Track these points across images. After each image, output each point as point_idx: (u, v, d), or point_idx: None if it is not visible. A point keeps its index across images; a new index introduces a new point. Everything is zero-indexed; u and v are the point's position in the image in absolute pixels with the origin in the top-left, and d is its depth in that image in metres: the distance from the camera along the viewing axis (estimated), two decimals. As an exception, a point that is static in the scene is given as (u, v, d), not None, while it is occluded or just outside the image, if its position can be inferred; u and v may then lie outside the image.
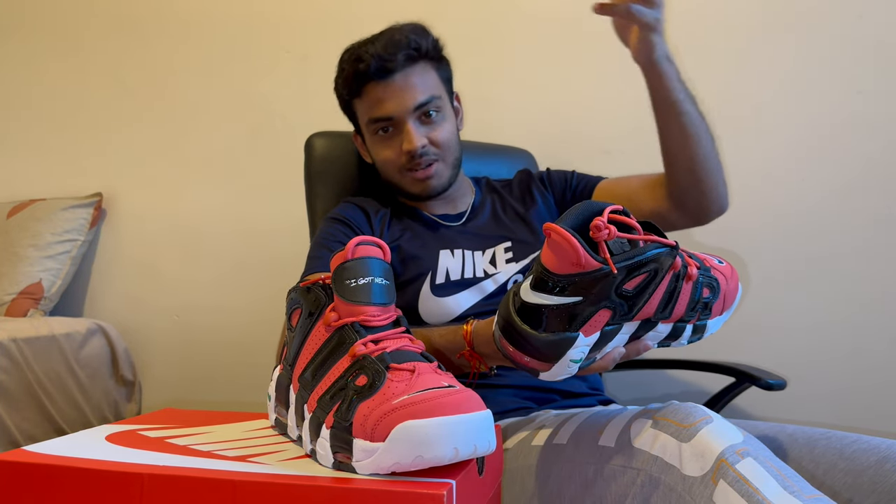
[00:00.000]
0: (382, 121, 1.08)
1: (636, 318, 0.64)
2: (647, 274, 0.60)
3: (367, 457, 0.52)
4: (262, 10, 1.87)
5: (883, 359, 1.47)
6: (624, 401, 1.25)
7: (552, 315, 0.59)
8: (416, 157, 1.08)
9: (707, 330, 0.73)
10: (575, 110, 1.65)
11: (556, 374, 0.62)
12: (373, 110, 1.09)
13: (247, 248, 1.86)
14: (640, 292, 0.61)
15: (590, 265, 0.57)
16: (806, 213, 1.52)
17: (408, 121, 1.06)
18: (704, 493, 0.59)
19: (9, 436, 1.46)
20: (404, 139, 1.07)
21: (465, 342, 0.80)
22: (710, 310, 0.71)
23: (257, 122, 1.87)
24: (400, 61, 1.06)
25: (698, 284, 0.68)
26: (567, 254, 0.57)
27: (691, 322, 0.70)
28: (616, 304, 0.60)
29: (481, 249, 1.08)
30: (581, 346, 0.60)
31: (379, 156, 1.13)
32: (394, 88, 1.06)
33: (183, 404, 1.86)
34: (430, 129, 1.08)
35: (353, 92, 1.11)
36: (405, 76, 1.06)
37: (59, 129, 2.03)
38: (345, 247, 0.63)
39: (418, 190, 1.12)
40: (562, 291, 0.58)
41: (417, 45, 1.07)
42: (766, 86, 1.55)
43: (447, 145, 1.10)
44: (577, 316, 0.59)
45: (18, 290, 1.78)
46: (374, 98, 1.08)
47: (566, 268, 0.57)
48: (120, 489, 0.55)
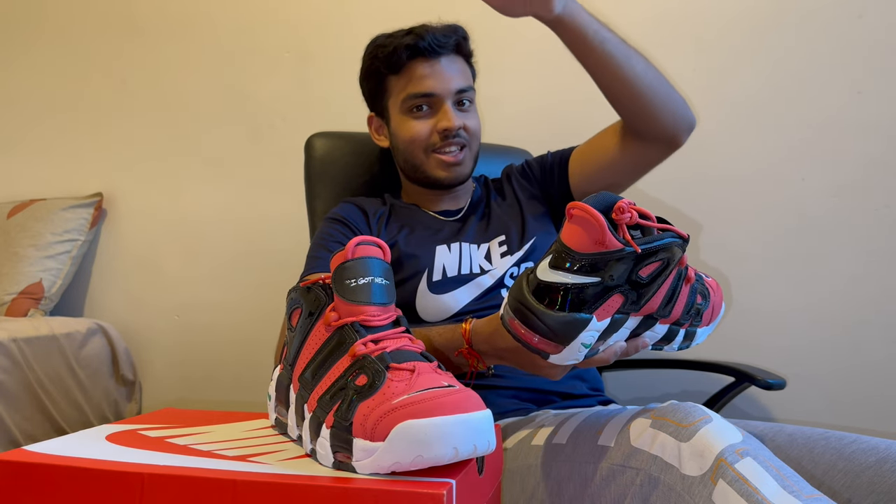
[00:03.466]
0: (422, 97, 1.09)
1: (641, 311, 0.64)
2: (660, 262, 0.62)
3: (367, 456, 0.52)
4: (262, 10, 1.87)
5: (882, 359, 1.47)
6: (624, 401, 1.25)
7: (568, 294, 0.59)
8: (450, 137, 1.09)
9: (696, 338, 0.74)
10: (575, 110, 1.65)
11: (565, 358, 0.62)
12: (414, 86, 1.10)
13: (247, 248, 1.86)
14: (652, 281, 0.62)
15: (612, 245, 0.58)
16: (806, 213, 1.52)
17: (447, 101, 1.09)
18: (704, 492, 0.59)
19: (9, 436, 1.46)
20: (441, 118, 1.09)
21: (463, 340, 0.80)
22: (700, 317, 0.73)
23: (257, 122, 1.87)
24: (450, 46, 1.10)
25: (694, 289, 0.70)
26: (593, 230, 0.58)
27: (684, 327, 0.71)
28: (628, 291, 0.61)
29: (477, 243, 1.09)
30: (592, 329, 0.61)
31: (408, 133, 1.12)
32: (440, 69, 1.09)
33: (183, 404, 1.86)
34: (464, 115, 1.11)
35: (395, 66, 1.11)
36: (451, 61, 1.11)
37: (59, 129, 2.03)
38: (344, 247, 0.63)
39: (442, 175, 1.12)
40: (581, 270, 0.59)
41: (466, 38, 1.13)
42: (766, 86, 1.55)
43: (476, 135, 1.14)
44: (593, 297, 0.60)
45: (19, 290, 1.78)
46: (419, 74, 1.09)
47: (589, 246, 0.59)
48: (120, 489, 0.55)
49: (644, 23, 1.60)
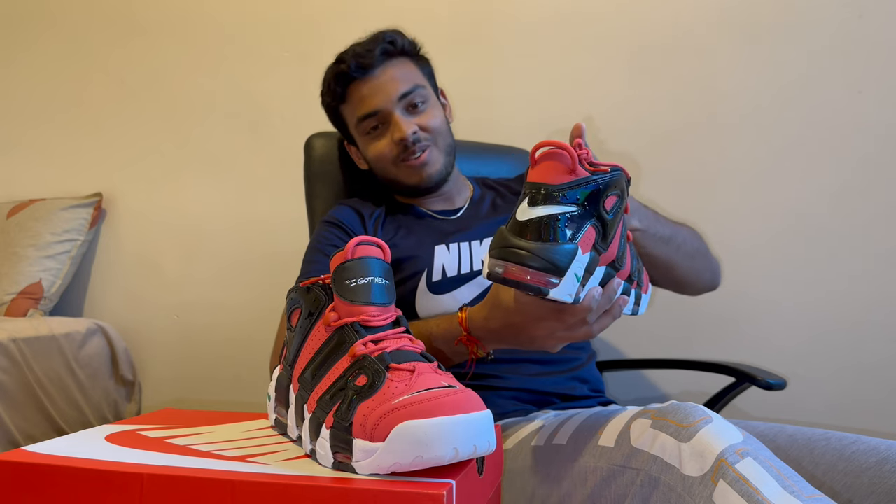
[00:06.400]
0: (370, 117, 1.10)
1: (606, 253, 0.68)
2: (617, 197, 0.66)
3: (367, 457, 0.52)
4: (262, 10, 1.87)
5: (883, 359, 1.47)
6: (624, 401, 1.25)
7: (551, 225, 0.62)
8: (408, 145, 1.08)
9: (641, 304, 0.80)
10: (575, 110, 1.65)
11: (563, 291, 0.63)
12: (359, 108, 1.10)
13: (246, 248, 1.86)
14: (614, 216, 0.66)
15: (582, 173, 0.63)
16: (806, 213, 1.52)
17: (395, 111, 1.08)
18: (704, 493, 0.59)
19: (8, 436, 1.46)
20: (394, 129, 1.08)
21: (461, 328, 0.81)
22: (641, 280, 0.79)
23: (257, 122, 1.87)
24: (377, 56, 1.09)
25: (633, 250, 0.77)
26: (564, 160, 0.63)
27: (633, 286, 0.77)
28: (598, 225, 0.65)
29: (479, 239, 1.08)
30: (579, 261, 0.63)
31: (372, 153, 1.13)
32: (375, 83, 1.09)
33: (183, 404, 1.86)
34: (418, 116, 1.10)
35: (339, 97, 1.13)
36: (384, 70, 1.09)
37: (59, 129, 2.03)
38: (339, 250, 0.63)
39: (415, 180, 1.11)
40: (561, 200, 0.62)
41: (392, 40, 1.11)
42: (766, 86, 1.55)
43: (438, 130, 1.12)
44: (575, 226, 0.63)
45: (18, 290, 1.78)
46: (359, 97, 1.10)
47: (563, 177, 0.63)
48: (120, 489, 0.55)
49: (645, 24, 1.60)
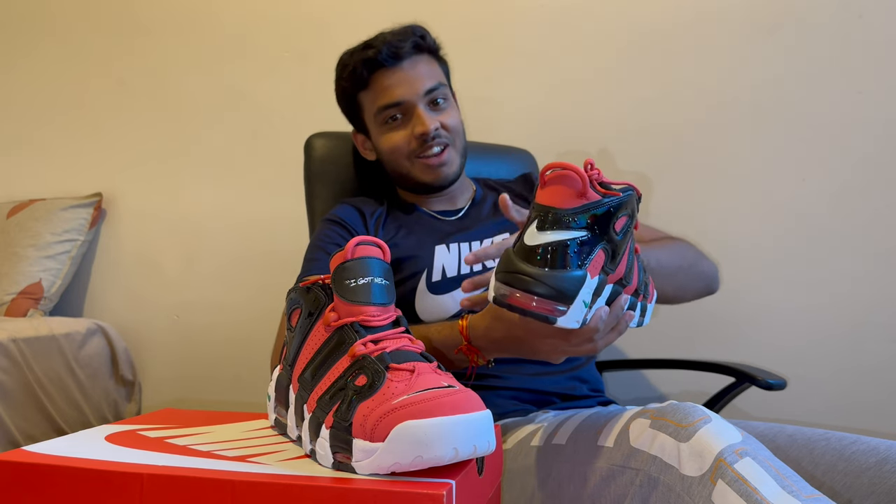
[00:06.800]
0: (392, 107, 1.09)
1: (614, 273, 0.67)
2: (627, 217, 0.64)
3: (367, 457, 0.52)
4: (262, 10, 1.87)
5: (883, 359, 1.47)
6: (624, 401, 1.25)
7: (560, 251, 0.60)
8: (428, 140, 1.08)
9: (647, 314, 0.78)
10: (575, 110, 1.65)
11: (571, 318, 0.62)
12: (382, 97, 1.09)
13: (246, 248, 1.86)
14: (623, 237, 0.65)
15: (593, 196, 0.61)
16: (806, 213, 1.52)
17: (419, 105, 1.08)
18: (703, 492, 0.59)
19: (9, 436, 1.46)
20: (416, 123, 1.08)
21: (462, 337, 0.81)
22: (647, 290, 0.77)
23: (257, 121, 1.87)
24: (408, 49, 1.08)
25: (640, 262, 0.74)
26: (575, 184, 0.60)
27: (640, 299, 0.75)
28: (608, 247, 0.63)
29: (479, 240, 1.08)
30: (588, 286, 0.62)
31: (387, 144, 1.12)
32: (403, 75, 1.08)
33: (183, 404, 1.86)
34: (440, 114, 1.10)
35: (361, 83, 1.11)
36: (413, 63, 1.09)
37: (59, 129, 2.03)
38: (341, 248, 0.63)
39: (430, 178, 1.11)
40: (571, 225, 0.61)
41: (423, 36, 1.11)
42: (766, 85, 1.55)
43: (457, 130, 1.12)
44: (584, 252, 0.61)
45: (18, 290, 1.78)
46: (384, 85, 1.09)
47: (573, 201, 0.61)
48: (120, 489, 0.55)
49: (645, 23, 1.60)
